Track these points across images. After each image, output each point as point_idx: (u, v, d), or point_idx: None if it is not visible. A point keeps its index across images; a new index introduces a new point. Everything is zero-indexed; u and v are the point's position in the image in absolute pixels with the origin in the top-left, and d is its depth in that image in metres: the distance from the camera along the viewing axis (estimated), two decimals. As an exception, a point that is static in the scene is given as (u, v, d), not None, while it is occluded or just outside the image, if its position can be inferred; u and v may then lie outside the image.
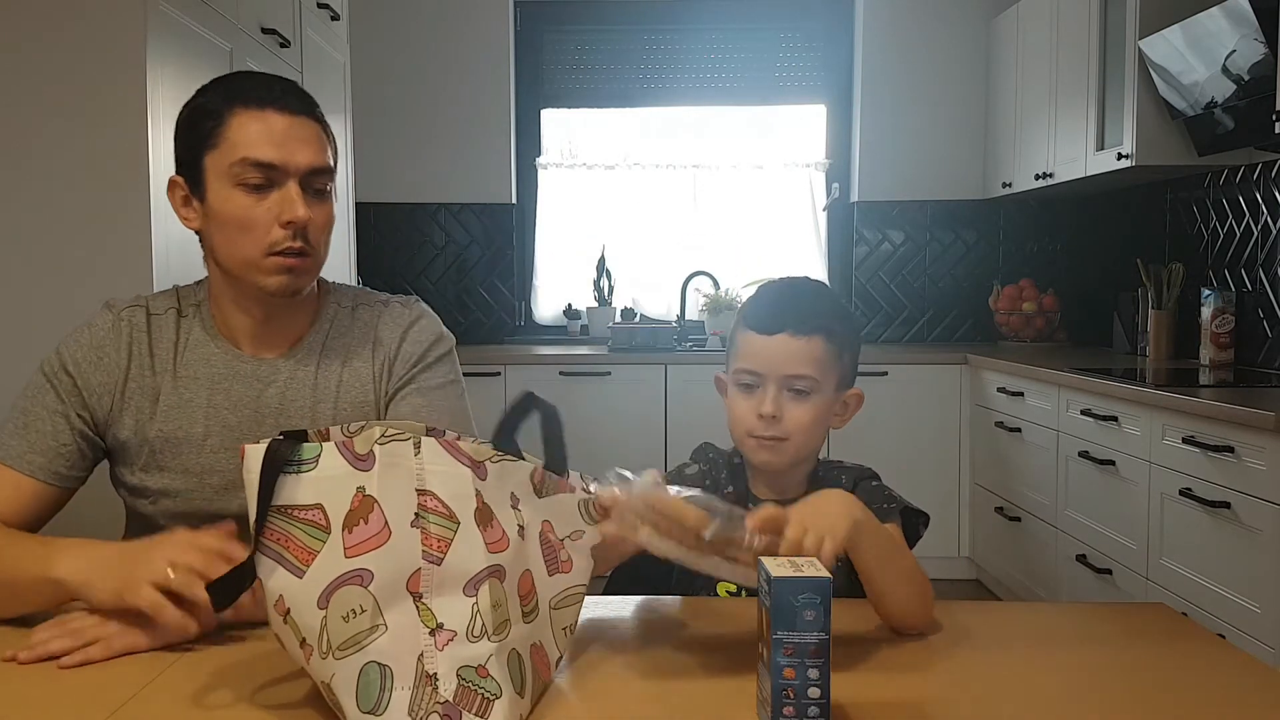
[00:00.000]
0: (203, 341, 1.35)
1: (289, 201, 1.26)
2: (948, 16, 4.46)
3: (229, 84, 1.30)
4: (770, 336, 1.30)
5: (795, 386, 1.29)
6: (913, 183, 4.53)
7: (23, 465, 1.28)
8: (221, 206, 1.26)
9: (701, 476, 1.37)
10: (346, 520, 0.88)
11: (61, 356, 1.33)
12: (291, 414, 1.34)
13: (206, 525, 1.31)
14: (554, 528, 1.01)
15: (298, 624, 0.88)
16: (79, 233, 2.22)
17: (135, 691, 0.98)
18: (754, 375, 1.30)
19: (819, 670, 0.88)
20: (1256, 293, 3.24)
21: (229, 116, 1.26)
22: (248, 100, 1.26)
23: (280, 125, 1.26)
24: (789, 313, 1.31)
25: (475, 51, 4.50)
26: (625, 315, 4.50)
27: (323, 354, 1.37)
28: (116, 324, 1.34)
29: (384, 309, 1.42)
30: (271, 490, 0.89)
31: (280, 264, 1.27)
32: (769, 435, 1.29)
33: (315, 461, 0.89)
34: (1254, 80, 2.71)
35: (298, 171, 1.26)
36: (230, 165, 1.25)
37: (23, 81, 2.20)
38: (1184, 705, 0.99)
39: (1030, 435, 3.43)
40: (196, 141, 1.27)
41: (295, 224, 1.26)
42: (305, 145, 1.27)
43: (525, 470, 0.99)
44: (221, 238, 1.28)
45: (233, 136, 1.25)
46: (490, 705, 0.88)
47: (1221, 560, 2.39)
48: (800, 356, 1.29)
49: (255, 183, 1.25)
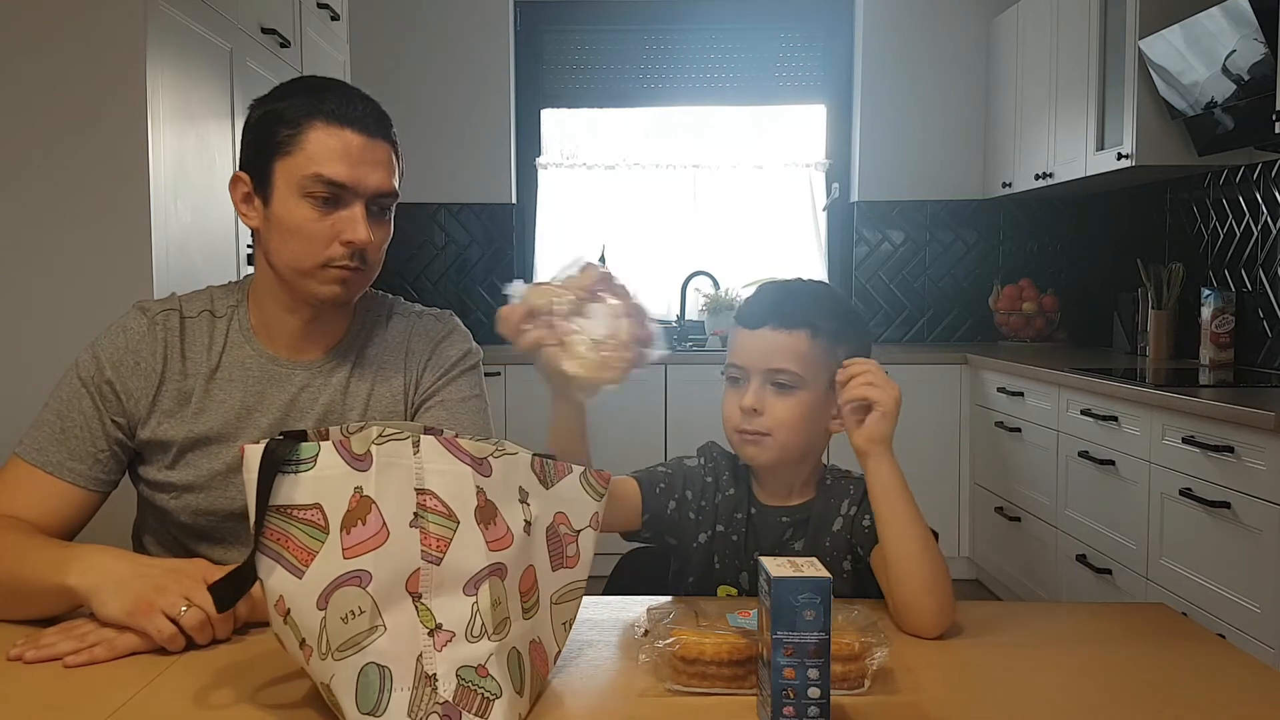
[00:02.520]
0: (238, 344, 1.35)
1: (353, 222, 1.26)
2: (948, 16, 4.46)
3: (311, 92, 1.29)
4: (754, 331, 1.31)
5: (777, 380, 1.28)
6: (913, 183, 4.53)
7: (64, 473, 1.28)
8: (286, 215, 1.26)
9: (702, 471, 1.37)
10: (344, 521, 0.88)
11: (98, 360, 1.32)
12: (322, 418, 1.34)
13: (226, 523, 1.33)
14: (569, 519, 1.01)
15: (298, 624, 0.88)
16: (79, 233, 2.23)
17: (135, 691, 0.98)
18: (739, 369, 1.31)
19: (819, 670, 0.88)
20: (1256, 293, 3.24)
21: (307, 128, 1.25)
22: (329, 115, 1.26)
23: (356, 145, 1.26)
24: (774, 308, 1.31)
25: (475, 51, 4.50)
26: (625, 315, 4.49)
27: (356, 361, 1.38)
28: (151, 328, 1.34)
29: (418, 320, 1.43)
30: (269, 490, 0.88)
31: (335, 276, 1.28)
32: (751, 429, 1.29)
33: (313, 461, 0.89)
34: (1254, 80, 2.71)
35: (366, 193, 1.27)
36: (302, 177, 1.25)
37: (23, 81, 2.20)
38: (1184, 705, 0.99)
39: (1030, 435, 3.43)
40: (269, 145, 1.27)
41: (356, 245, 1.27)
42: (377, 168, 1.28)
43: (526, 461, 0.98)
44: (280, 243, 1.28)
45: (309, 149, 1.25)
46: (490, 705, 0.88)
47: (1221, 560, 2.39)
48: (782, 350, 1.29)
49: (323, 197, 1.25)
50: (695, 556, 1.35)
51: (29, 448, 1.29)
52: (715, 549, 1.34)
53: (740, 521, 1.34)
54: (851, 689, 0.97)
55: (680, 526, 1.35)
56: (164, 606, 1.05)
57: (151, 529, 1.39)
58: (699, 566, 1.35)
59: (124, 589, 1.07)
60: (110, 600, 1.07)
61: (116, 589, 1.08)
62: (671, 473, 1.37)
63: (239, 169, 1.32)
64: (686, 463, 1.39)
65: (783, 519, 1.33)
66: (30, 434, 1.30)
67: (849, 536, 1.31)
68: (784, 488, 1.35)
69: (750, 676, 0.96)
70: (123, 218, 2.22)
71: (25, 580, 1.14)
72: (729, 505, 1.35)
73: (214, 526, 1.34)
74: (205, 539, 1.35)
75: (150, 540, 1.40)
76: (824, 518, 1.32)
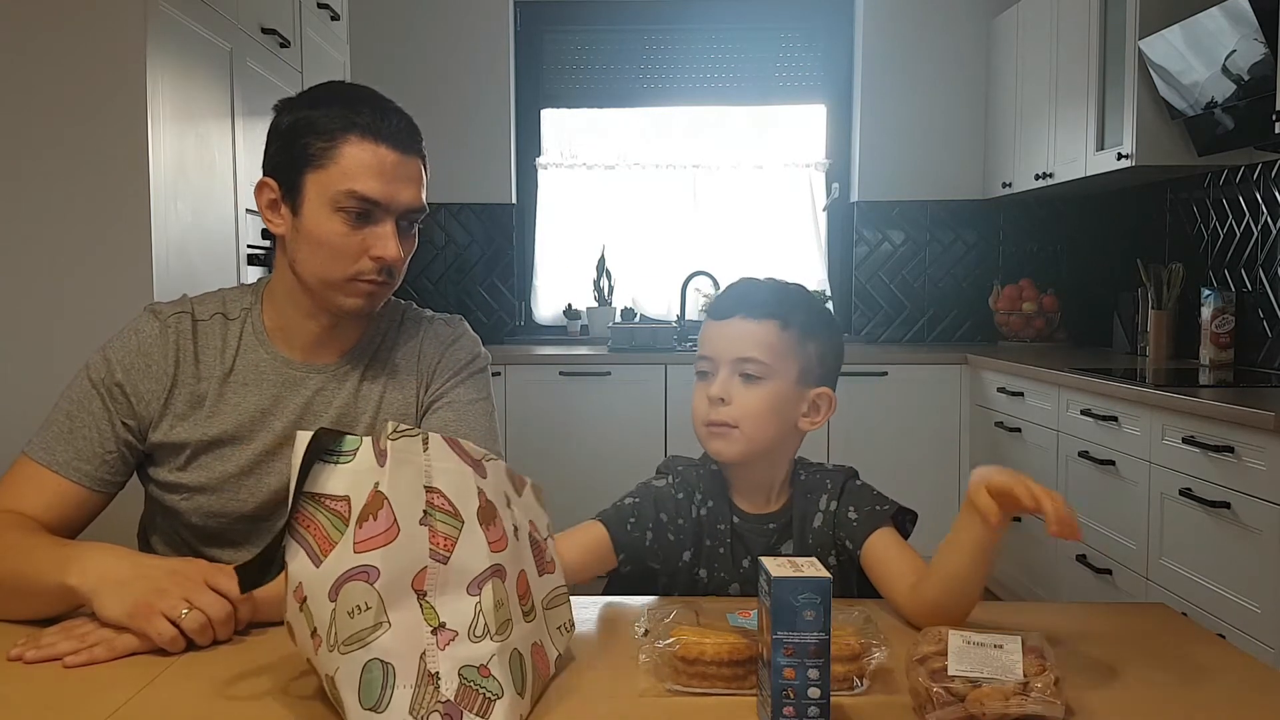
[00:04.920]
0: (252, 346, 1.35)
1: (384, 239, 1.26)
2: (948, 16, 4.46)
3: (346, 103, 1.27)
4: (724, 321, 1.30)
5: (745, 370, 1.27)
6: (913, 183, 4.53)
7: (71, 473, 1.28)
8: (316, 228, 1.26)
9: (671, 489, 1.33)
10: (360, 515, 0.89)
11: (109, 362, 1.32)
12: (336, 421, 1.34)
13: (236, 525, 1.33)
14: (536, 527, 1.03)
15: (312, 613, 0.88)
16: (79, 233, 2.23)
17: (136, 691, 0.98)
18: (708, 360, 1.30)
19: (819, 670, 0.88)
20: (1256, 293, 3.24)
21: (341, 141, 1.24)
22: (364, 129, 1.25)
23: (390, 161, 1.25)
24: (743, 298, 1.31)
25: (475, 51, 4.50)
26: (625, 315, 4.50)
27: (370, 365, 1.38)
28: (164, 331, 1.33)
29: (428, 325, 1.43)
30: (307, 474, 0.90)
31: (363, 289, 1.28)
32: (717, 420, 1.27)
33: (353, 455, 0.90)
34: (1254, 80, 2.71)
35: (398, 210, 1.27)
36: (336, 192, 1.24)
37: (23, 81, 2.20)
38: (1184, 705, 0.99)
39: (1030, 435, 3.43)
40: (301, 156, 1.26)
41: (386, 261, 1.27)
42: (409, 185, 1.28)
43: (503, 468, 1.00)
44: (307, 253, 1.28)
45: (343, 163, 1.24)
46: (491, 705, 0.88)
47: (1221, 560, 2.39)
48: (751, 339, 1.27)
49: (355, 212, 1.25)
50: (681, 575, 1.32)
51: (37, 447, 1.29)
52: (702, 564, 1.31)
53: (724, 533, 1.31)
54: (851, 689, 0.97)
55: (662, 551, 1.31)
56: (164, 609, 1.05)
57: (160, 529, 1.39)
58: (685, 584, 1.32)
59: (124, 590, 1.07)
60: (110, 601, 1.07)
61: (117, 590, 1.08)
62: (640, 501, 1.32)
63: (265, 174, 1.31)
64: (655, 484, 1.35)
65: (768, 525, 1.32)
66: (39, 433, 1.30)
67: (831, 531, 1.29)
68: (761, 494, 1.33)
69: (750, 676, 0.96)
70: (123, 218, 2.22)
71: (27, 578, 1.14)
72: (711, 518, 1.32)
73: (224, 528, 1.34)
74: (215, 541, 1.35)
75: (158, 540, 1.40)
76: (804, 515, 1.31)
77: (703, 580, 1.31)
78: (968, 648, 0.95)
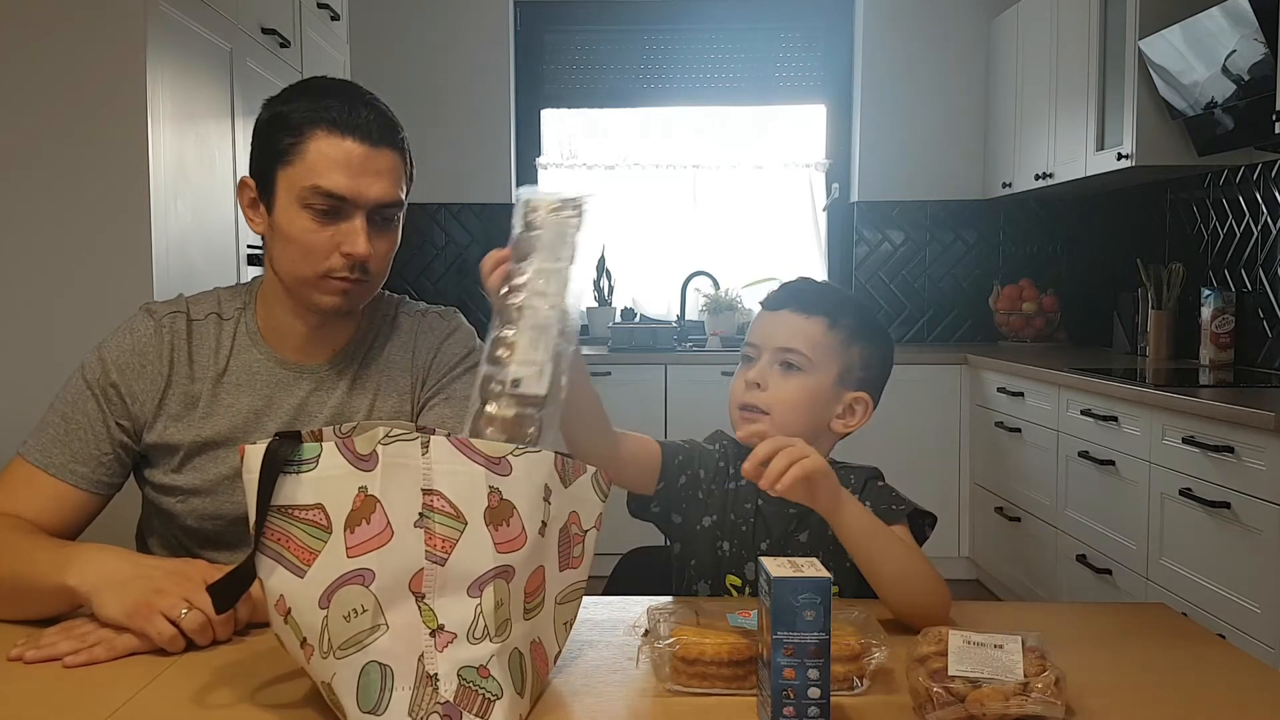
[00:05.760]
0: (246, 347, 1.35)
1: (353, 235, 1.24)
2: (948, 16, 4.46)
3: (313, 97, 1.25)
4: (774, 312, 1.34)
5: (786, 360, 1.30)
6: (913, 183, 4.53)
7: (67, 475, 1.28)
8: (287, 225, 1.25)
9: (716, 455, 1.37)
10: (348, 520, 0.88)
11: (104, 362, 1.31)
12: (331, 421, 1.33)
13: (232, 527, 1.32)
14: (580, 518, 1.00)
15: (298, 624, 0.88)
16: (79, 233, 2.23)
17: (136, 691, 0.98)
18: (753, 347, 1.33)
19: (819, 670, 0.88)
20: (1256, 293, 3.24)
21: (308, 137, 1.23)
22: (331, 123, 1.23)
23: (358, 155, 1.23)
24: (797, 293, 1.34)
25: (475, 51, 4.50)
26: (625, 315, 4.50)
27: (364, 363, 1.37)
28: (158, 330, 1.33)
29: (422, 319, 1.42)
30: (271, 490, 0.88)
31: (336, 287, 1.27)
32: (750, 403, 1.30)
33: (315, 461, 0.89)
34: (1254, 80, 2.71)
35: (367, 205, 1.25)
36: (301, 188, 1.23)
37: (23, 82, 2.20)
38: (1184, 705, 0.99)
39: (1030, 435, 3.43)
40: (273, 153, 1.25)
41: (355, 258, 1.25)
42: (379, 179, 1.25)
43: (550, 459, 0.96)
44: (280, 251, 1.28)
45: (309, 159, 1.23)
46: (491, 706, 0.88)
47: (1221, 560, 2.39)
48: (796, 331, 1.30)
49: (322, 209, 1.23)
50: (699, 540, 1.35)
51: (33, 449, 1.29)
52: (722, 535, 1.34)
53: (749, 512, 1.34)
54: (851, 689, 0.97)
55: (687, 504, 1.36)
56: (164, 609, 1.05)
57: (156, 531, 1.39)
58: (703, 551, 1.35)
59: (124, 590, 1.07)
60: (110, 601, 1.07)
61: (116, 590, 1.08)
62: (690, 448, 1.38)
63: (248, 173, 1.31)
64: (705, 445, 1.40)
65: (789, 510, 1.33)
66: (34, 435, 1.30)
67: None
68: None
69: (750, 676, 0.96)
70: (123, 218, 2.22)
71: (26, 579, 1.13)
72: (739, 495, 1.35)
73: (220, 531, 1.33)
74: (211, 543, 1.34)
75: (155, 542, 1.39)
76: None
77: (725, 553, 1.34)
78: (968, 648, 0.95)
